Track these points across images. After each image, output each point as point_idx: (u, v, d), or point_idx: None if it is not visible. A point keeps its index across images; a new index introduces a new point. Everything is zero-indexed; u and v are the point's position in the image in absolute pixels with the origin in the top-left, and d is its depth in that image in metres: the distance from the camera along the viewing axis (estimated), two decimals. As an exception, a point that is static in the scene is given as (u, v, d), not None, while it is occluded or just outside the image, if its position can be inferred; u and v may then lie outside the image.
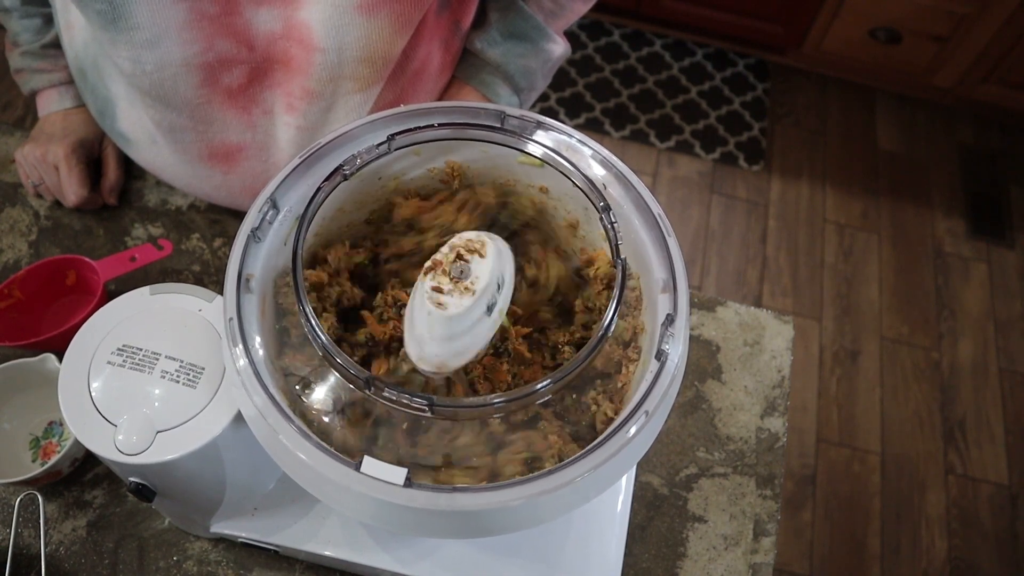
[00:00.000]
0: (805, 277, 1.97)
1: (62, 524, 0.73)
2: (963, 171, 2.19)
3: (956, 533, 1.68)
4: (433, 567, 0.65)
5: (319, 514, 0.66)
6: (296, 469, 0.48)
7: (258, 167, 0.79)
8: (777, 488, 0.81)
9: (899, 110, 2.28)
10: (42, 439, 0.76)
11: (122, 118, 0.79)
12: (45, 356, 0.74)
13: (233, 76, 0.70)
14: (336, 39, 0.67)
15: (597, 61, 2.25)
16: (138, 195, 0.92)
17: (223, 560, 0.72)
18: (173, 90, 0.70)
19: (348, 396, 0.51)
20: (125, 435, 0.54)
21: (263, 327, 0.52)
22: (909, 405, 1.82)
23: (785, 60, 2.30)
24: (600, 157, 0.58)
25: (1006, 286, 2.00)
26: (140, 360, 0.56)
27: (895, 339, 1.90)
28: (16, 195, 0.91)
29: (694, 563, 0.76)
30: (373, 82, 0.72)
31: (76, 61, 0.79)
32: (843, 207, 2.09)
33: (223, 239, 0.89)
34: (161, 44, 0.66)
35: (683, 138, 2.14)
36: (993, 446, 1.79)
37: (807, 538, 1.65)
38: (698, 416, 0.84)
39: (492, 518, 0.48)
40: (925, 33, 2.02)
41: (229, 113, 0.73)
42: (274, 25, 0.67)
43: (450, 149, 0.60)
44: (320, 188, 0.54)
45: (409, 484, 0.45)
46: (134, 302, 0.60)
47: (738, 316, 0.90)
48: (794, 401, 1.78)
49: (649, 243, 0.55)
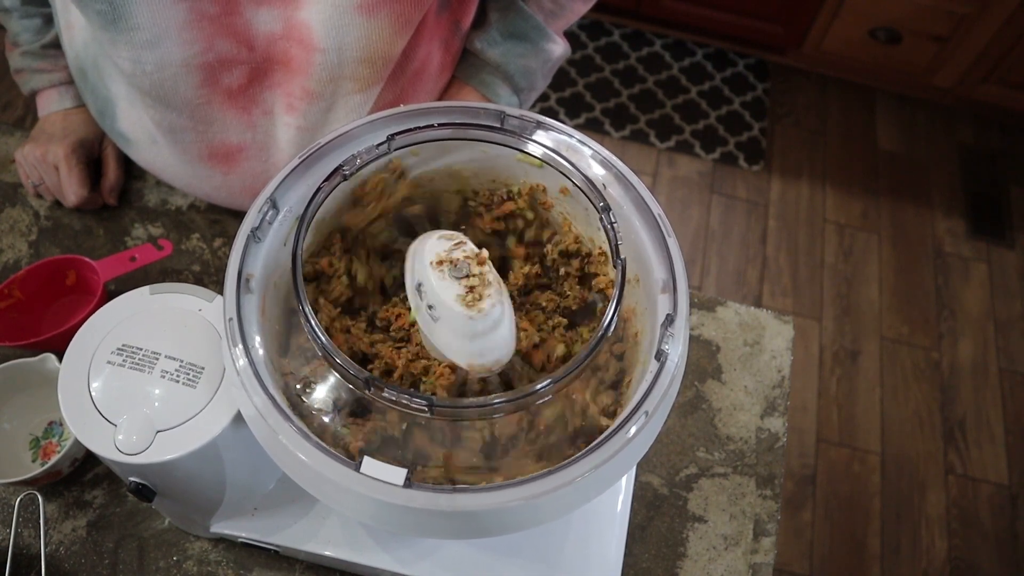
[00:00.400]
0: (805, 277, 1.97)
1: (62, 524, 0.73)
2: (963, 171, 2.19)
3: (956, 533, 1.68)
4: (433, 567, 0.65)
5: (319, 514, 0.66)
6: (296, 469, 0.48)
7: (258, 167, 0.79)
8: (777, 488, 0.81)
9: (899, 110, 2.28)
10: (42, 439, 0.76)
11: (122, 118, 0.79)
12: (45, 356, 0.74)
13: (233, 76, 0.70)
14: (336, 39, 0.67)
15: (597, 61, 2.25)
16: (138, 195, 0.92)
17: (223, 560, 0.72)
18: (173, 90, 0.70)
19: (348, 396, 0.51)
20: (125, 435, 0.54)
21: (263, 327, 0.52)
22: (909, 405, 1.82)
23: (785, 60, 2.30)
24: (600, 157, 0.58)
25: (1006, 286, 2.00)
26: (140, 360, 0.56)
27: (895, 339, 1.90)
28: (16, 195, 0.91)
29: (694, 563, 0.76)
30: (373, 82, 0.72)
31: (76, 61, 0.79)
32: (843, 207, 2.09)
33: (223, 239, 0.89)
34: (161, 44, 0.66)
35: (683, 138, 2.14)
36: (993, 446, 1.79)
37: (807, 538, 1.65)
38: (698, 416, 0.84)
39: (492, 518, 0.48)
40: (925, 33, 2.02)
41: (229, 113, 0.73)
42: (274, 25, 0.67)
43: (450, 149, 0.60)
44: (320, 188, 0.54)
45: (409, 484, 0.45)
46: (134, 302, 0.60)
47: (738, 316, 0.90)
48: (794, 401, 1.78)
49: (649, 243, 0.55)
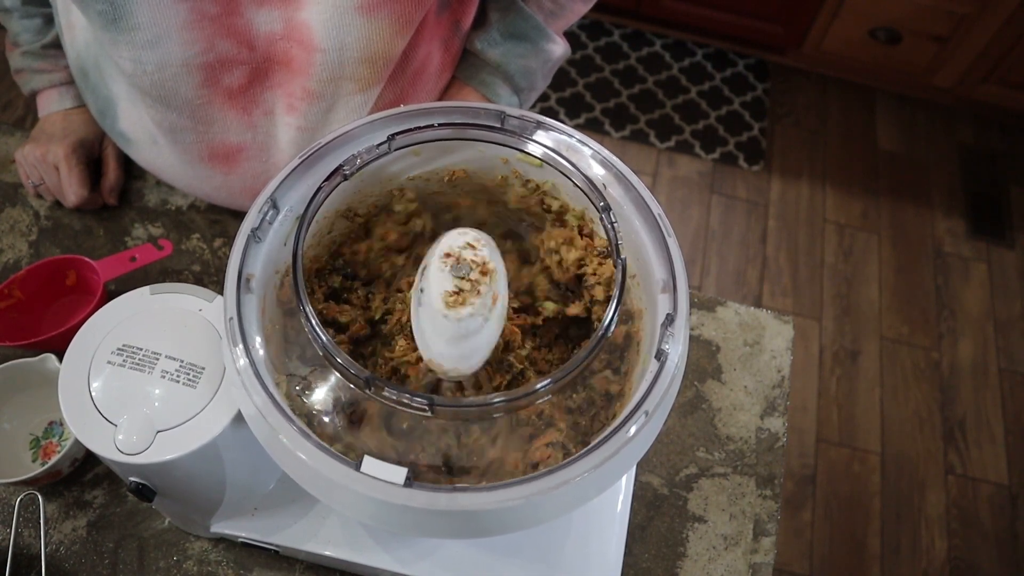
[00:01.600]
0: (805, 277, 1.97)
1: (62, 524, 0.73)
2: (963, 171, 2.19)
3: (956, 533, 1.68)
4: (433, 567, 0.65)
5: (319, 514, 0.66)
6: (296, 469, 0.48)
7: (258, 167, 0.79)
8: (777, 488, 0.81)
9: (899, 110, 2.28)
10: (42, 439, 0.76)
11: (123, 118, 0.79)
12: (45, 356, 0.74)
13: (234, 76, 0.70)
14: (337, 39, 0.67)
15: (597, 61, 2.25)
16: (138, 195, 0.92)
17: (223, 560, 0.72)
18: (174, 90, 0.70)
19: (348, 396, 0.51)
20: (125, 435, 0.54)
21: (263, 327, 0.52)
22: (909, 405, 1.82)
23: (785, 60, 2.30)
24: (600, 157, 0.58)
25: (1006, 286, 2.00)
26: (140, 360, 0.56)
27: (895, 339, 1.90)
28: (16, 195, 0.91)
29: (694, 563, 0.76)
30: (373, 82, 0.72)
31: (77, 61, 0.79)
32: (843, 207, 2.09)
33: (223, 239, 0.89)
34: (162, 44, 0.66)
35: (683, 138, 2.14)
36: (993, 446, 1.78)
37: (807, 538, 1.65)
38: (698, 416, 0.84)
39: (492, 518, 0.48)
40: (925, 33, 2.02)
41: (229, 114, 0.73)
42: (274, 26, 0.67)
43: (450, 149, 0.60)
44: (320, 188, 0.54)
45: (409, 484, 0.45)
46: (134, 302, 0.60)
47: (738, 316, 0.90)
48: (794, 401, 1.78)
49: (649, 243, 0.55)
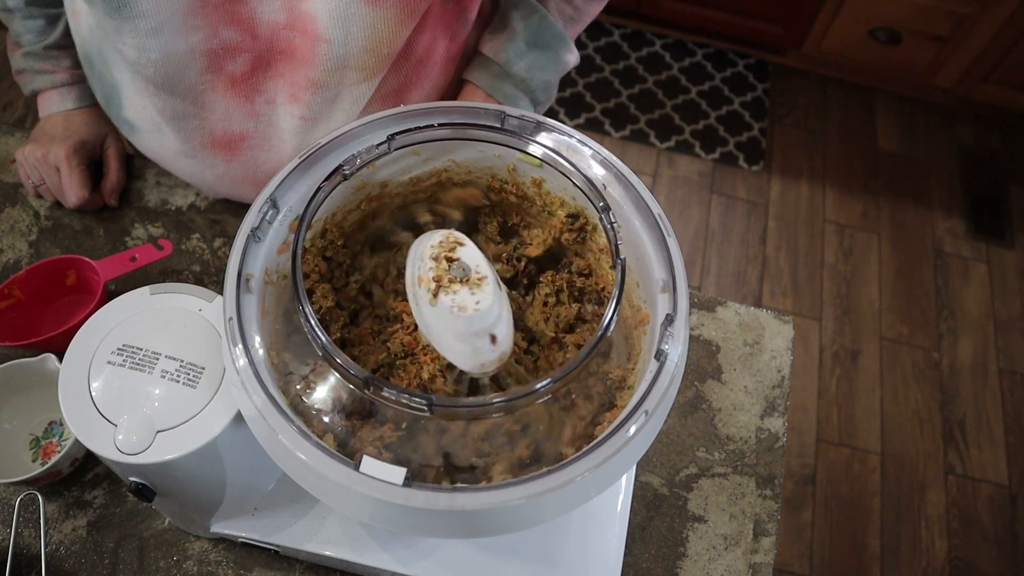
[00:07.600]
0: (805, 277, 1.97)
1: (62, 524, 0.73)
2: (963, 171, 2.19)
3: (956, 533, 1.68)
4: (433, 567, 0.65)
5: (319, 514, 0.66)
6: (296, 469, 0.48)
7: (260, 156, 0.79)
8: (777, 488, 0.81)
9: (899, 110, 2.28)
10: (42, 439, 0.76)
11: (127, 106, 0.79)
12: (45, 356, 0.74)
13: (236, 64, 0.70)
14: (342, 29, 0.66)
15: (597, 61, 2.25)
16: (138, 195, 0.92)
17: (223, 560, 0.72)
18: (177, 77, 0.70)
19: (348, 396, 0.51)
20: (125, 435, 0.54)
21: (263, 327, 0.52)
22: (909, 405, 1.82)
23: (785, 60, 2.30)
24: (600, 157, 0.58)
25: (1006, 286, 2.00)
26: (140, 360, 0.56)
27: (895, 339, 1.90)
28: (16, 195, 0.91)
29: (694, 563, 0.76)
30: (378, 72, 0.72)
31: (83, 48, 0.79)
32: (843, 207, 2.09)
33: (223, 239, 0.89)
34: (165, 31, 0.66)
35: (683, 138, 2.14)
36: (993, 446, 1.78)
37: (807, 538, 1.65)
38: (698, 416, 0.84)
39: (492, 518, 0.48)
40: (925, 33, 2.02)
41: (232, 101, 0.73)
42: (278, 15, 0.67)
43: (450, 149, 0.60)
44: (320, 188, 0.54)
45: (408, 484, 0.45)
46: (134, 302, 0.60)
47: (738, 316, 0.90)
48: (794, 401, 1.78)
49: (649, 243, 0.55)
